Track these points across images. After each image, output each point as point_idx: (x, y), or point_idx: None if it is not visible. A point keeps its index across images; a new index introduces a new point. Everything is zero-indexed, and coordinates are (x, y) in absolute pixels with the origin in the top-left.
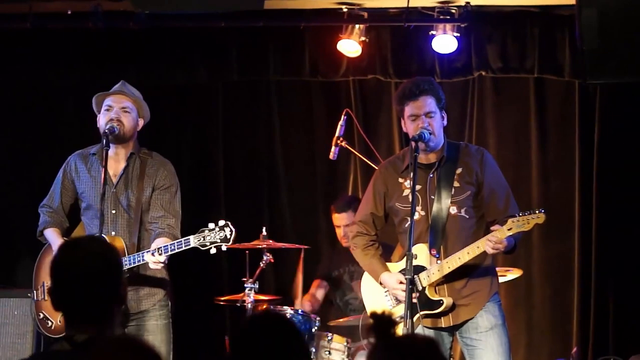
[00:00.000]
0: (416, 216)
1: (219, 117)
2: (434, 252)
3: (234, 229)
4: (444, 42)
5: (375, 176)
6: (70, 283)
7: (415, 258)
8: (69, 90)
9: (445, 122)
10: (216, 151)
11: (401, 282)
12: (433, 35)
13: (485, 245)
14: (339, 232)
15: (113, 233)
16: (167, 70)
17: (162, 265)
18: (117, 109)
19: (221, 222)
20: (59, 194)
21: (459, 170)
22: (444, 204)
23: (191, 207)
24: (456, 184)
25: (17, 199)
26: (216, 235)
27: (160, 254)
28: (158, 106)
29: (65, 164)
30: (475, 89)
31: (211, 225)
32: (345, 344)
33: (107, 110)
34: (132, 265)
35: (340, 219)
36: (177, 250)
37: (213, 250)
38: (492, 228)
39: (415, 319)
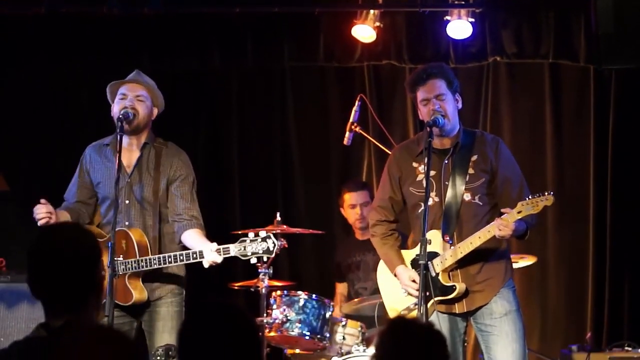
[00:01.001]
0: (430, 202)
1: (233, 104)
2: (447, 238)
3: (276, 241)
4: (459, 27)
5: (389, 160)
6: (45, 269)
7: (430, 244)
8: (83, 77)
9: (459, 106)
10: (231, 137)
11: (414, 281)
12: (448, 21)
13: (494, 228)
14: (354, 213)
15: (127, 223)
16: (181, 57)
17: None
18: (132, 97)
19: (262, 233)
20: (75, 187)
21: (474, 158)
22: (458, 191)
23: (206, 193)
24: (471, 170)
25: (32, 188)
26: (258, 247)
27: (221, 254)
28: (172, 93)
29: (82, 157)
30: (490, 75)
31: (251, 235)
32: (359, 329)
33: (122, 98)
34: (189, 262)
35: (356, 197)
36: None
37: (254, 260)
38: (503, 210)
39: (429, 304)
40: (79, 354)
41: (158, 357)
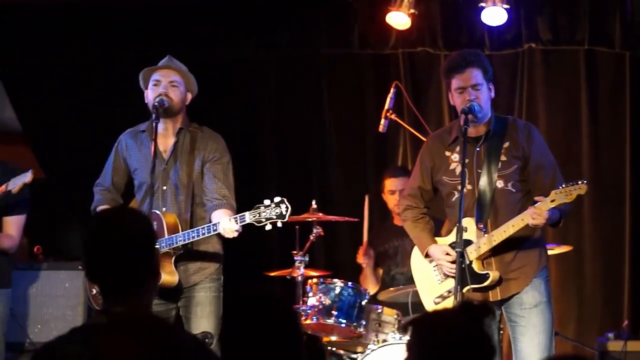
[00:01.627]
0: (464, 190)
1: (269, 91)
2: (480, 226)
3: (289, 206)
4: (494, 14)
5: (422, 150)
6: (102, 255)
7: (466, 231)
8: (117, 65)
9: (492, 95)
10: (266, 125)
11: (447, 254)
12: (483, 7)
13: (527, 217)
14: (393, 199)
15: (164, 209)
16: (216, 44)
17: (236, 234)
18: (165, 83)
19: (277, 199)
20: (110, 173)
21: (506, 144)
22: (491, 178)
23: (242, 181)
24: (503, 157)
25: (67, 174)
26: (272, 212)
27: (237, 222)
28: (207, 80)
29: (117, 143)
30: (525, 62)
31: (266, 202)
32: (395, 316)
33: (155, 84)
34: (208, 235)
35: (396, 183)
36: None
37: (268, 227)
38: (536, 198)
39: (464, 291)
40: (121, 345)
41: None
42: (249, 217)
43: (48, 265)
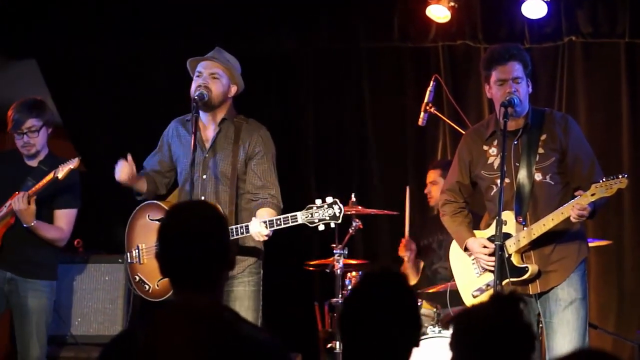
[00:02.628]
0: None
1: (308, 84)
2: (520, 219)
3: (342, 207)
4: (534, 6)
5: (460, 145)
6: (176, 247)
7: (505, 224)
8: (159, 58)
9: (530, 89)
10: (306, 119)
11: (485, 247)
12: (523, 0)
13: (569, 211)
14: (433, 190)
15: (202, 198)
16: (255, 38)
17: (266, 238)
18: (206, 75)
19: (329, 199)
20: (156, 157)
21: (543, 137)
22: (529, 171)
23: (282, 174)
24: (540, 150)
25: (108, 167)
26: (325, 213)
27: (266, 227)
28: (248, 75)
29: (166, 129)
30: (565, 55)
31: (318, 202)
32: (435, 310)
33: (198, 76)
34: (236, 237)
35: (428, 175)
36: (283, 226)
37: (321, 227)
38: (576, 193)
39: (503, 284)
40: (174, 332)
41: None
42: (301, 217)
43: (88, 259)
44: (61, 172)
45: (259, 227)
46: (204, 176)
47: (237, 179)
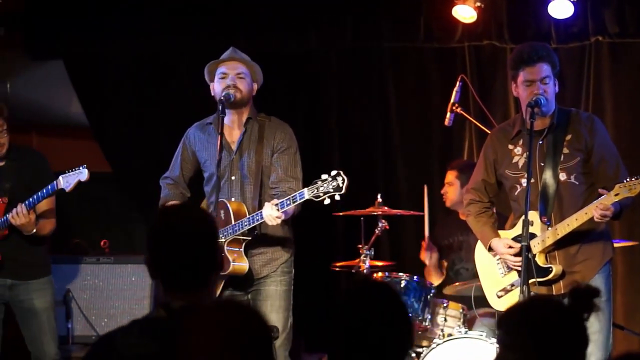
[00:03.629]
0: (525, 183)
1: (332, 84)
2: (544, 219)
3: (346, 178)
4: (561, 6)
5: (486, 143)
6: (166, 249)
7: (532, 225)
8: (181, 58)
9: (557, 89)
10: (330, 119)
11: (510, 247)
12: (549, 0)
13: (593, 211)
14: (450, 190)
15: (233, 199)
16: (279, 38)
17: (280, 220)
18: (232, 76)
19: (333, 172)
20: (179, 166)
21: (568, 137)
22: (554, 171)
23: (307, 174)
24: (565, 150)
25: (134, 168)
26: (329, 186)
27: (277, 209)
28: (271, 74)
29: (185, 136)
30: (592, 55)
31: (324, 176)
32: (461, 311)
33: (222, 77)
34: (252, 225)
35: (447, 176)
36: (292, 205)
37: (327, 201)
38: (600, 192)
39: (529, 283)
40: (209, 329)
41: None
42: (307, 193)
43: (114, 259)
44: (69, 186)
45: (270, 210)
46: (233, 177)
47: (261, 175)
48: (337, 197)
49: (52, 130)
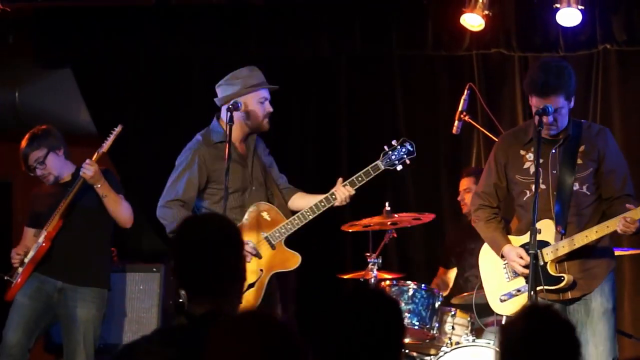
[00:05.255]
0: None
1: (342, 91)
2: (559, 228)
3: (412, 142)
4: (568, 14)
5: (496, 147)
6: (190, 257)
7: (540, 233)
8: (191, 66)
9: (572, 105)
10: (339, 126)
11: (521, 257)
12: (557, 8)
13: (617, 224)
14: (467, 197)
15: (255, 208)
16: (290, 44)
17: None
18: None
19: (394, 142)
20: (192, 187)
21: (581, 148)
22: (568, 180)
23: (315, 180)
24: (579, 160)
25: (143, 177)
26: (401, 152)
27: (352, 187)
28: (281, 80)
29: (197, 158)
30: (600, 63)
31: (393, 143)
32: (468, 319)
33: (262, 102)
34: (327, 207)
35: (461, 183)
36: (366, 180)
37: (399, 167)
38: (627, 206)
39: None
40: (232, 340)
41: None
42: (381, 164)
43: (123, 268)
44: (106, 144)
45: (344, 190)
46: (253, 188)
47: (266, 181)
48: (408, 162)
49: None
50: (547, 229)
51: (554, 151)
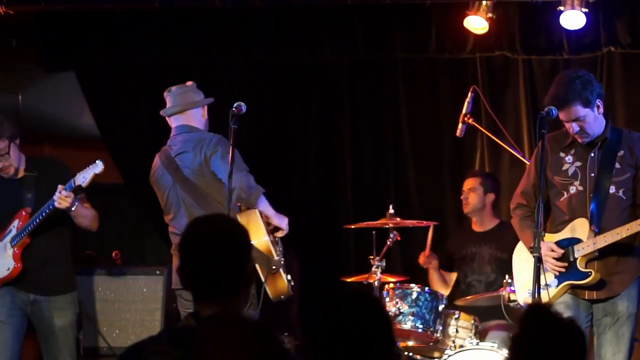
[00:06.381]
0: (573, 190)
1: (345, 95)
2: (593, 227)
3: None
4: (572, 17)
5: (537, 149)
6: (198, 259)
7: (575, 230)
8: (195, 70)
9: (601, 110)
10: (342, 129)
11: (552, 250)
12: (561, 11)
13: None
14: (470, 197)
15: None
16: (292, 49)
17: None
18: None
19: None
20: None
21: (620, 153)
22: (605, 183)
23: (318, 186)
24: (617, 165)
25: (146, 180)
26: None
27: None
28: (284, 84)
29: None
30: (604, 65)
31: None
32: (472, 322)
33: None
34: None
35: (465, 183)
36: None
37: None
38: None
39: (562, 286)
40: (224, 344)
41: None
42: None
43: (126, 271)
44: (85, 180)
45: None
46: None
47: None
48: None
49: (64, 142)
50: (581, 227)
51: (592, 155)
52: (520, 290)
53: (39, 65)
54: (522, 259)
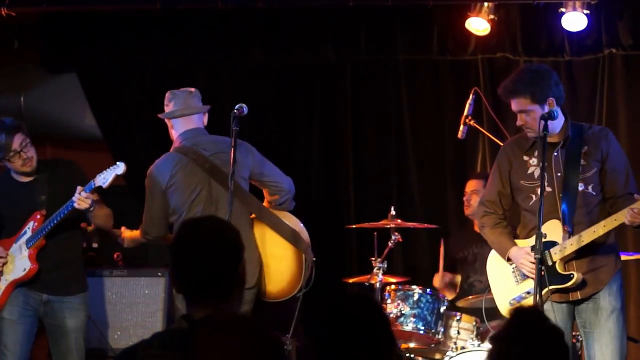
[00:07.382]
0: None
1: (347, 96)
2: (566, 227)
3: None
4: (574, 19)
5: (499, 155)
6: (190, 261)
7: (545, 236)
8: (198, 71)
9: (554, 107)
10: (345, 130)
11: (528, 254)
12: (563, 13)
13: (625, 215)
14: (473, 199)
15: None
16: (295, 50)
17: None
18: None
19: None
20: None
21: (584, 149)
22: (573, 181)
23: (321, 187)
24: (583, 161)
25: None
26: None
27: None
28: (286, 86)
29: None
30: (606, 67)
31: None
32: (474, 323)
33: None
34: None
35: (468, 185)
36: None
37: None
38: (636, 197)
39: (543, 292)
40: (217, 345)
41: None
42: None
43: (128, 272)
44: (105, 182)
45: None
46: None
47: None
48: None
49: (66, 143)
50: (554, 229)
51: (556, 154)
52: (501, 302)
53: (41, 66)
54: (496, 269)
